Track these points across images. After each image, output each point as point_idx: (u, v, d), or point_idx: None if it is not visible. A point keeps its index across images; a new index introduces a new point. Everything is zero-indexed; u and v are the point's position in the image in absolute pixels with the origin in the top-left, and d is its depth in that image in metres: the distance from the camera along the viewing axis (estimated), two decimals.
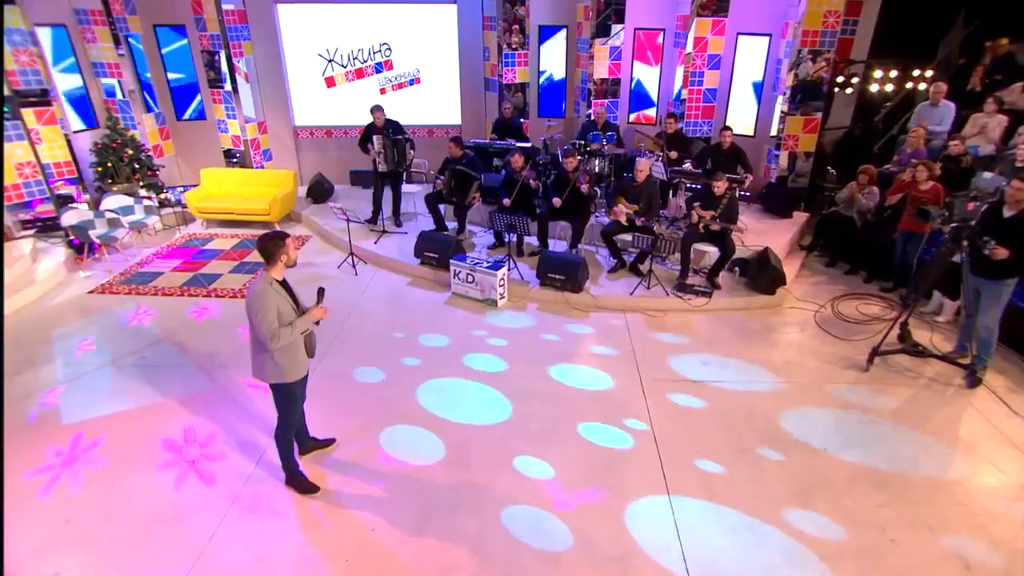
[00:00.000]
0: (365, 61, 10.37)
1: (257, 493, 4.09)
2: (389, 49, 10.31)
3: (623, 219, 6.96)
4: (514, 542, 3.71)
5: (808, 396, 5.13)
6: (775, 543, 3.70)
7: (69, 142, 8.77)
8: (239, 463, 4.36)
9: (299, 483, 4.09)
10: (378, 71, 10.42)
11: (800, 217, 8.35)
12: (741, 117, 9.08)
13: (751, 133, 9.08)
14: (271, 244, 3.54)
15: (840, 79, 8.42)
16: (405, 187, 8.99)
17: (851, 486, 4.15)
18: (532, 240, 7.80)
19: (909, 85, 8.63)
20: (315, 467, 4.28)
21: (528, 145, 8.78)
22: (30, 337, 6.00)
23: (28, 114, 8.12)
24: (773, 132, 8.80)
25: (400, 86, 10.54)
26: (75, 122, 9.21)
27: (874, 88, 8.74)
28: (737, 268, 7.02)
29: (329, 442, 4.50)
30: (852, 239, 7.33)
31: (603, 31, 9.09)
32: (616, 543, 3.71)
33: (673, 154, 8.02)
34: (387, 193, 8.54)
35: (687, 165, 7.98)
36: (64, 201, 8.28)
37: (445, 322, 6.36)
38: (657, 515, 3.92)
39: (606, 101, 9.39)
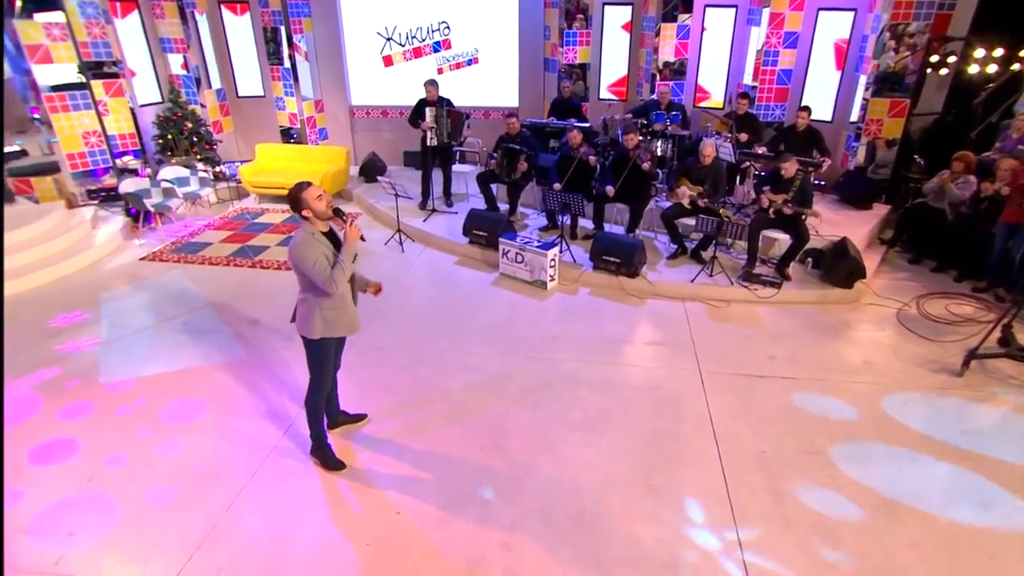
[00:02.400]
0: (424, 40, 10.19)
1: (280, 465, 3.90)
2: (448, 28, 10.09)
3: (686, 201, 6.48)
4: (551, 537, 3.37)
5: (891, 398, 4.56)
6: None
7: (134, 115, 8.96)
8: (266, 432, 4.19)
9: (325, 457, 3.87)
10: (436, 50, 10.22)
11: (880, 209, 7.63)
12: (818, 101, 8.38)
13: (828, 118, 8.38)
14: (291, 197, 3.36)
15: (934, 59, 7.62)
16: (457, 167, 8.77)
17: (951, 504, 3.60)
18: (587, 224, 7.41)
19: (1016, 67, 7.73)
20: (344, 441, 4.06)
21: (587, 125, 8.37)
22: (78, 298, 6.07)
23: (97, 85, 8.32)
24: (853, 118, 8.10)
25: (458, 66, 10.31)
26: (141, 96, 9.41)
27: (973, 69, 7.88)
28: (810, 259, 6.42)
29: (360, 417, 4.28)
30: (941, 234, 6.60)
31: (671, 18, 8.59)
32: (667, 548, 3.31)
33: (743, 136, 7.46)
34: (437, 177, 8.29)
35: (760, 151, 7.40)
36: (129, 175, 8.45)
37: (490, 302, 6.06)
38: (718, 521, 3.49)
39: (671, 83, 8.87)
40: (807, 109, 7.17)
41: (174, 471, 3.83)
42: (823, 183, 7.85)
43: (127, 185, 7.57)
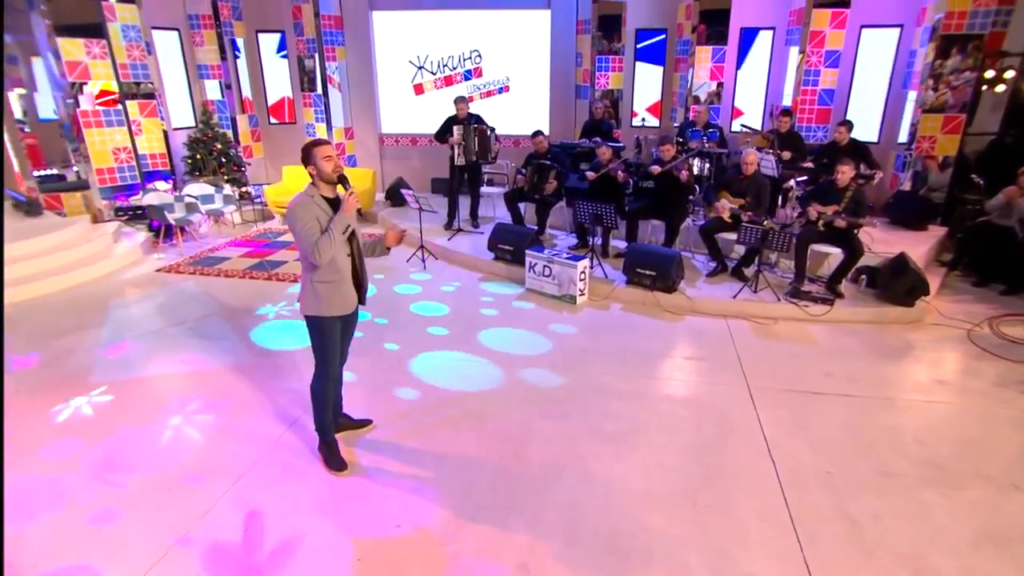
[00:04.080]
0: (455, 68, 10.21)
1: (273, 467, 3.47)
2: (479, 56, 10.10)
3: (726, 215, 6.06)
4: (578, 558, 2.83)
5: (974, 418, 3.94)
6: None
7: (167, 137, 9.04)
8: (263, 432, 3.78)
9: (328, 453, 3.47)
10: (467, 78, 10.21)
11: (937, 231, 7.07)
12: (863, 121, 7.97)
13: (875, 139, 7.95)
14: (303, 149, 3.10)
15: (989, 74, 7.20)
16: (485, 189, 8.54)
17: None
18: (619, 244, 7.00)
19: None
20: (346, 447, 3.61)
21: (619, 145, 8.10)
22: (89, 305, 5.87)
23: (132, 105, 8.43)
24: (902, 138, 7.65)
25: (488, 94, 10.26)
26: (176, 120, 9.53)
27: None
28: (864, 276, 5.88)
29: (365, 423, 3.84)
30: (1010, 253, 6.02)
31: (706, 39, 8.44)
32: None
33: (786, 154, 7.06)
34: (463, 202, 8.04)
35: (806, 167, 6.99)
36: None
37: (513, 316, 5.65)
38: (780, 548, 2.91)
39: (707, 111, 8.59)
40: (847, 123, 6.76)
41: (155, 469, 3.43)
42: (871, 205, 7.33)
43: (151, 198, 7.50)
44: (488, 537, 2.95)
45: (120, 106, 8.07)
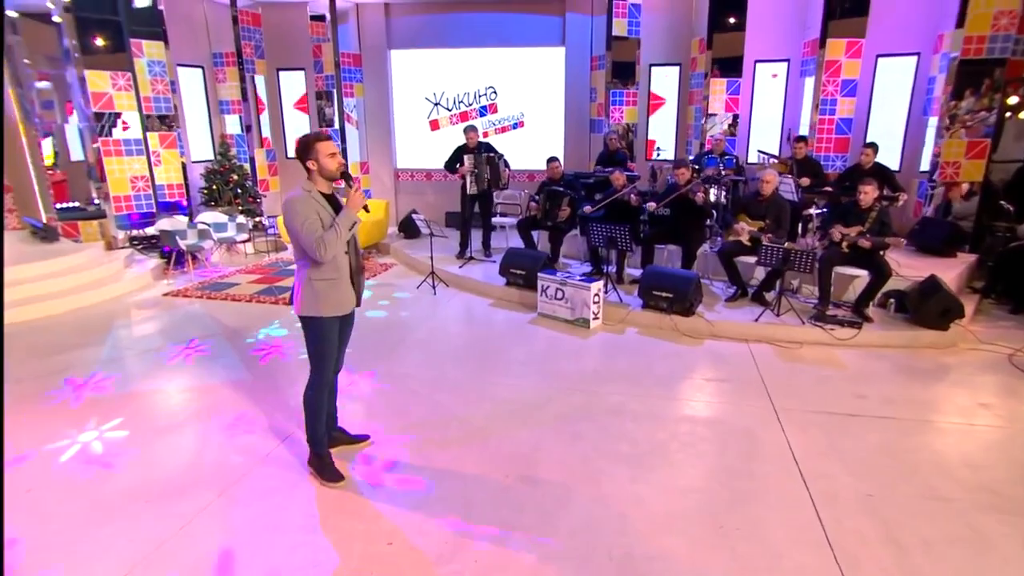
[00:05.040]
0: (470, 104, 10.33)
1: (261, 481, 3.24)
2: (495, 92, 10.23)
3: (745, 238, 5.86)
4: None
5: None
6: None
7: (185, 169, 9.15)
8: (254, 446, 3.56)
9: (322, 465, 3.23)
10: (482, 114, 10.31)
11: (966, 258, 6.77)
12: (883, 150, 7.80)
13: (896, 167, 7.76)
14: (299, 146, 2.98)
15: (1013, 100, 7.05)
16: (498, 220, 8.46)
17: None
18: (635, 272, 6.81)
19: None
20: (340, 461, 3.35)
21: (634, 174, 8.01)
22: (92, 325, 5.77)
23: (153, 137, 8.58)
24: (924, 167, 7.47)
25: (503, 129, 10.33)
26: (195, 153, 9.69)
27: None
28: (893, 301, 5.60)
29: (361, 439, 3.61)
30: None
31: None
32: None
33: (805, 181, 6.89)
34: (475, 234, 7.97)
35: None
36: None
37: (525, 339, 5.43)
38: (820, 574, 2.59)
39: (724, 142, 8.52)
40: (872, 146, 6.60)
41: (134, 481, 3.21)
42: (895, 233, 7.10)
43: (164, 223, 7.52)
44: (489, 557, 2.67)
45: (140, 136, 8.20)
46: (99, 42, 7.78)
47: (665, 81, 9.46)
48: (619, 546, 2.75)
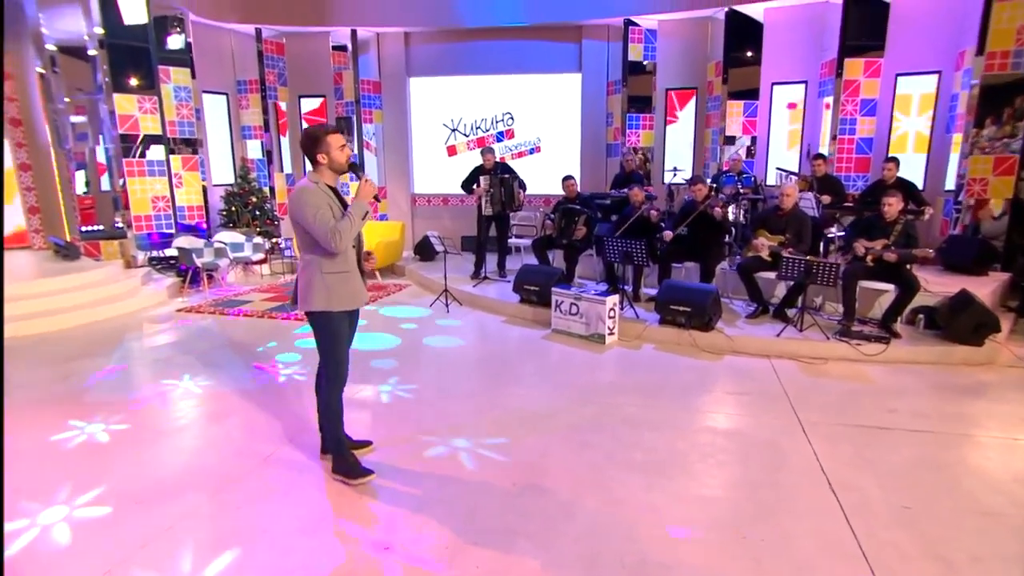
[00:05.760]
0: (488, 130, 10.43)
1: (256, 483, 3.10)
2: (512, 118, 10.33)
3: (765, 253, 5.70)
4: None
5: None
6: None
7: (206, 192, 9.30)
8: (255, 448, 3.44)
9: (349, 466, 3.10)
10: (499, 140, 10.39)
11: (998, 276, 6.50)
12: (906, 169, 7.65)
13: (920, 187, 7.58)
14: (307, 139, 2.91)
15: None
16: (513, 241, 8.42)
17: None
18: (651, 291, 6.66)
19: None
20: None
21: (652, 194, 7.94)
22: (103, 337, 5.76)
23: (176, 160, 8.76)
24: (949, 185, 7.27)
25: (520, 154, 10.38)
26: (217, 177, 9.86)
27: None
28: (922, 317, 5.36)
29: (364, 444, 3.47)
30: None
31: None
32: None
33: (825, 198, 6.75)
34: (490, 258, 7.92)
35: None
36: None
37: (537, 353, 5.29)
38: None
39: (742, 161, 8.45)
40: (894, 160, 6.45)
41: (129, 481, 3.10)
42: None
43: (181, 241, 7.59)
44: (491, 563, 2.49)
45: (164, 157, 8.36)
46: (129, 71, 8.01)
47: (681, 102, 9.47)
48: (631, 553, 2.55)
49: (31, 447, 3.49)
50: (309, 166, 3.04)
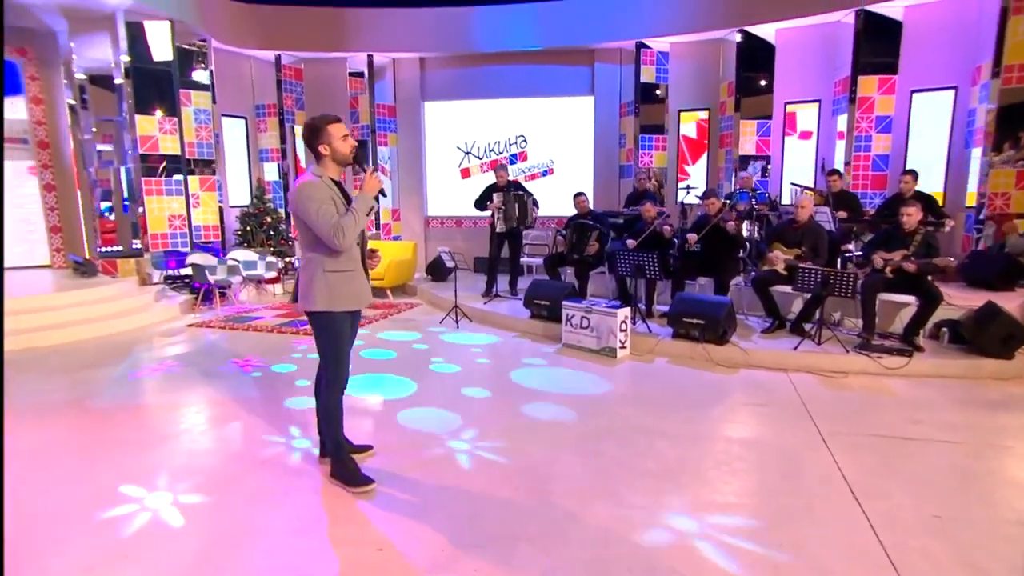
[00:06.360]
0: (501, 153, 10.51)
1: (247, 485, 3.01)
2: (525, 141, 10.41)
3: (780, 267, 5.58)
4: None
5: None
6: None
7: (222, 213, 9.42)
8: (252, 451, 3.35)
9: (349, 472, 2.98)
10: (512, 162, 10.45)
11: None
12: (924, 185, 7.51)
13: (940, 203, 7.43)
14: (308, 130, 2.85)
15: None
16: (526, 260, 8.38)
17: None
18: (665, 308, 6.53)
19: None
20: None
21: (664, 212, 7.86)
22: (112, 349, 5.77)
23: (194, 180, 8.91)
24: (970, 202, 7.10)
25: (533, 176, 10.42)
26: (234, 198, 10.01)
27: None
28: (946, 330, 5.18)
29: (364, 448, 3.36)
30: None
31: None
32: None
33: (841, 214, 6.62)
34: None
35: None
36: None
37: (547, 365, 5.17)
38: None
39: (754, 178, 8.37)
40: (912, 173, 6.32)
41: (123, 479, 3.03)
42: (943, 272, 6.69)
43: (195, 257, 7.65)
44: (489, 569, 2.36)
45: (180, 176, 8.50)
46: (153, 97, 8.19)
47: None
48: (640, 560, 2.41)
49: (28, 450, 3.44)
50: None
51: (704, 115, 9.31)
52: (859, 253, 6.19)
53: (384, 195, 3.01)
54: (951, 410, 4.02)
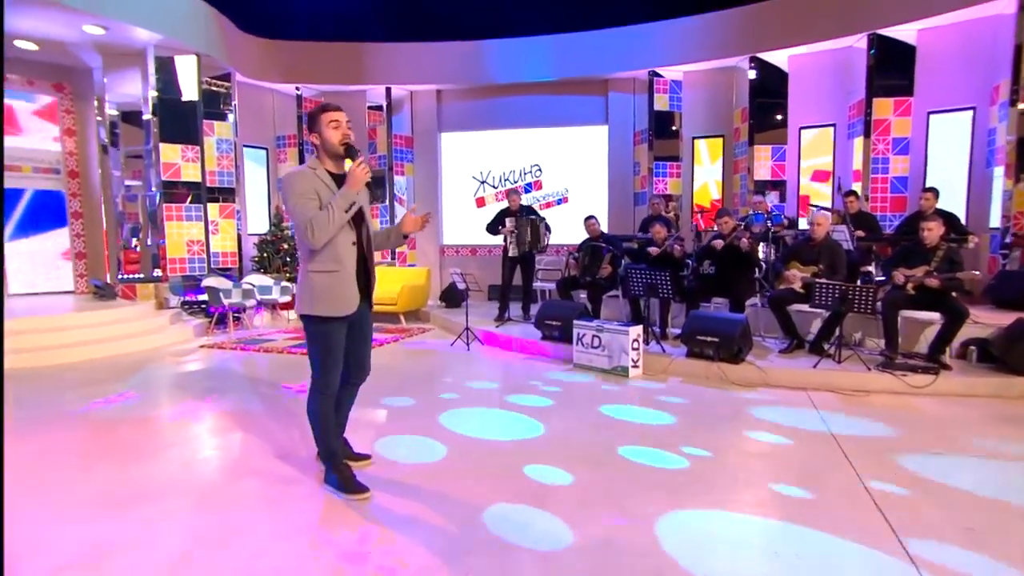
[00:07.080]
0: (516, 182, 10.58)
1: (239, 490, 2.93)
2: (540, 170, 10.48)
3: (797, 285, 5.45)
4: None
5: None
6: None
7: (240, 240, 9.57)
8: (248, 460, 3.28)
9: (343, 479, 2.85)
10: (527, 191, 10.51)
11: None
12: (945, 206, 7.36)
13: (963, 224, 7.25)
14: (309, 114, 2.81)
15: None
16: (538, 284, 8.32)
17: None
18: (678, 331, 6.39)
19: None
20: None
21: (678, 236, 7.79)
22: (124, 367, 5.79)
23: (213, 208, 9.09)
24: (994, 222, 6.91)
25: (548, 205, 10.45)
26: (252, 226, 10.18)
27: None
28: (975, 349, 4.96)
29: (363, 457, 3.26)
30: None
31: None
32: None
33: (860, 233, 6.48)
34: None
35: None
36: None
37: (557, 385, 5.05)
38: None
39: (770, 204, 8.29)
40: (932, 190, 6.19)
41: (114, 484, 2.97)
42: (968, 291, 6.47)
43: (210, 280, 7.73)
44: (487, 572, 2.23)
45: (200, 203, 8.68)
46: (177, 130, 8.45)
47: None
48: (648, 567, 2.26)
49: (28, 456, 3.41)
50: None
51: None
52: (881, 278, 6.03)
53: (370, 188, 2.85)
54: (983, 427, 3.81)
